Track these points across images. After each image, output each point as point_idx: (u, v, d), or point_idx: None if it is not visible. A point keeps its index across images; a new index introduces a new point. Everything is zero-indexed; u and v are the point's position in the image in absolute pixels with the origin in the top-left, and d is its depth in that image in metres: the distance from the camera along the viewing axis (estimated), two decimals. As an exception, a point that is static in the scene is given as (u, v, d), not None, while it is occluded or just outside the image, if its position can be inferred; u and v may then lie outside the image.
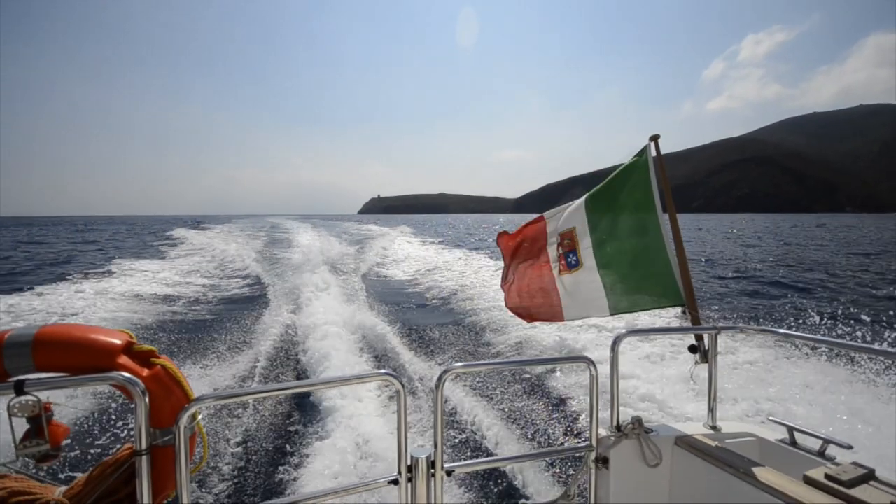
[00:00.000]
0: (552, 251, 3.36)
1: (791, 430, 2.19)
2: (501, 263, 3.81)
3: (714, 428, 2.39)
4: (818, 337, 2.20)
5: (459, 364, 1.89)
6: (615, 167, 3.18)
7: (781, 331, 2.36)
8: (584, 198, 3.27)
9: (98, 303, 11.01)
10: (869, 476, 1.74)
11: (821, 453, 2.05)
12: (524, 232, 3.55)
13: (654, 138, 2.93)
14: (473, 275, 16.34)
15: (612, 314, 3.05)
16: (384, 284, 15.86)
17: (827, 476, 1.75)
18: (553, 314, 3.34)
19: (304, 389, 5.65)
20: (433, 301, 12.76)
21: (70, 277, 14.84)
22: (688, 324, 2.66)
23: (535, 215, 3.65)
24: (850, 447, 1.94)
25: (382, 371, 1.75)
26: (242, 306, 11.76)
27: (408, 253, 24.96)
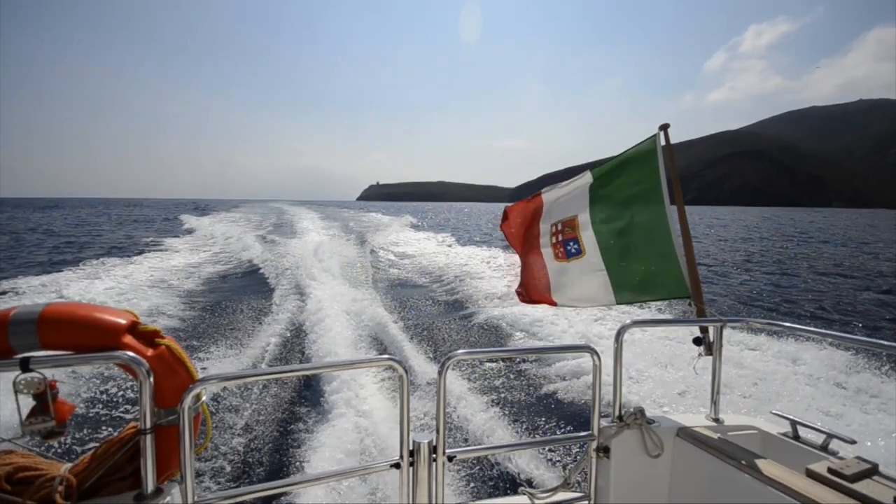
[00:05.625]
0: (545, 236, 3.31)
1: (794, 423, 2.18)
2: (505, 253, 3.73)
3: (716, 420, 2.39)
4: (823, 331, 2.17)
5: (462, 351, 1.88)
6: (615, 157, 3.10)
7: (787, 324, 2.35)
8: (586, 178, 3.17)
9: (101, 289, 10.95)
10: (872, 471, 1.73)
11: (824, 447, 2.04)
12: (523, 212, 3.47)
13: (664, 127, 2.86)
14: (478, 265, 16.37)
15: (616, 303, 3.03)
16: (389, 273, 15.89)
17: (830, 470, 1.73)
18: (543, 298, 3.30)
19: (308, 373, 5.66)
20: (438, 290, 12.82)
21: (71, 264, 14.73)
22: (693, 316, 2.64)
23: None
24: (853, 442, 1.94)
25: (386, 356, 1.73)
26: (249, 293, 11.75)
27: (412, 243, 24.92)
